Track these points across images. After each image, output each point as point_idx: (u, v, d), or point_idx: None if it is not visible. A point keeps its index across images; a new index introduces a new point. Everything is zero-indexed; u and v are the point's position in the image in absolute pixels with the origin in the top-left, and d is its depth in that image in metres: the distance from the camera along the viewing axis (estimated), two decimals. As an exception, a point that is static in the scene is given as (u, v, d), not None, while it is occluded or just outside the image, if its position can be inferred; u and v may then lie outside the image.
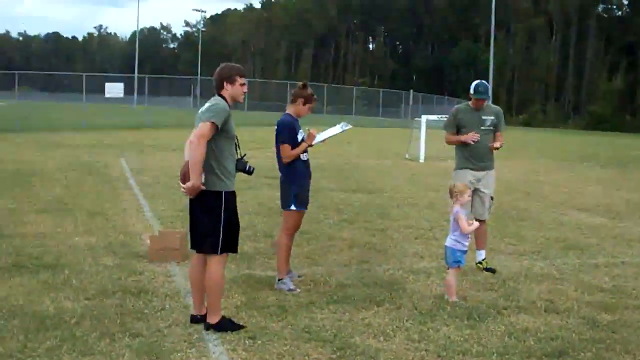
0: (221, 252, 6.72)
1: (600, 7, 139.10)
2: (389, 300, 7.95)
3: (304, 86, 8.53)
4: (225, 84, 6.78)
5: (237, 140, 7.00)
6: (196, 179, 6.43)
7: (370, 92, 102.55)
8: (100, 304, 7.46)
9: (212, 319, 6.72)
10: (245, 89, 6.94)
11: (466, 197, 8.42)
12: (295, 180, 8.36)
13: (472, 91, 9.72)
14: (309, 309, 7.51)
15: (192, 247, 6.98)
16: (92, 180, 18.15)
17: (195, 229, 6.85)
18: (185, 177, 6.57)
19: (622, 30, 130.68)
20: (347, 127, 8.80)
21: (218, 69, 6.88)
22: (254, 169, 7.19)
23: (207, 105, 6.68)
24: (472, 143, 9.59)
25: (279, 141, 8.32)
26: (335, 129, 8.81)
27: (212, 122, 6.44)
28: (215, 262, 6.73)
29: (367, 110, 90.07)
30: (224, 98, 6.77)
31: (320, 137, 8.59)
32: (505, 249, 11.29)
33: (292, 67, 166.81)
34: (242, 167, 7.02)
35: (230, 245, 6.82)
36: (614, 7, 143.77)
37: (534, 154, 38.09)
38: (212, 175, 6.61)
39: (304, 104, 8.46)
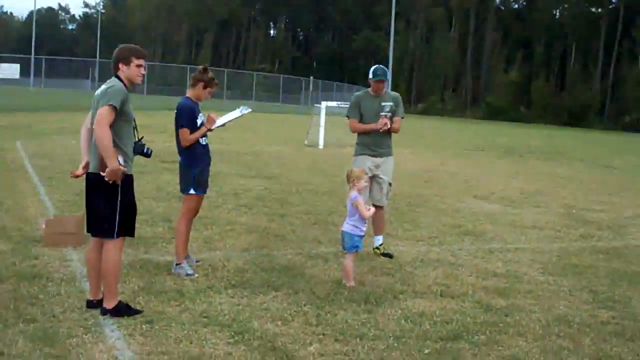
0: (117, 236, 6.59)
1: (498, 0, 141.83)
2: (287, 285, 7.95)
3: (204, 70, 8.44)
4: (120, 65, 6.64)
5: (135, 123, 6.87)
6: (113, 163, 6.28)
7: (271, 78, 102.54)
8: (-7, 289, 7.26)
9: (109, 304, 6.59)
10: (142, 70, 6.77)
11: (363, 182, 8.46)
12: (194, 164, 8.28)
13: (370, 75, 9.80)
14: (207, 293, 7.46)
15: (89, 231, 6.83)
16: (-15, 162, 17.68)
17: (91, 213, 6.70)
18: (87, 166, 6.53)
19: (519, 24, 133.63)
20: (247, 111, 8.76)
21: (116, 50, 6.74)
22: (152, 151, 7.09)
23: (103, 87, 6.53)
24: (383, 129, 9.65)
25: (178, 125, 8.23)
26: (235, 113, 8.76)
27: (110, 105, 6.31)
28: (111, 247, 6.60)
29: (268, 96, 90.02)
30: (120, 79, 6.62)
31: (220, 121, 8.52)
32: (403, 234, 11.43)
33: (192, 51, 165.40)
34: (140, 149, 6.91)
35: (127, 229, 6.70)
36: (512, 0, 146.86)
37: (433, 142, 38.66)
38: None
39: (204, 87, 8.37)
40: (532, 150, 37.44)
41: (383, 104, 9.79)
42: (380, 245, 9.85)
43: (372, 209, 8.45)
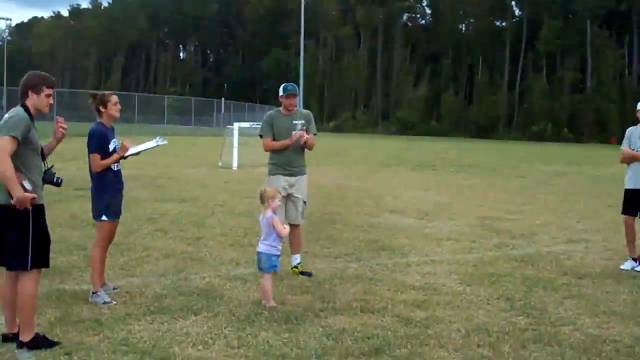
0: (31, 268, 6.44)
1: (405, 16, 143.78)
2: (207, 308, 7.90)
3: (93, 95, 8.37)
4: (30, 92, 6.51)
5: (43, 151, 6.75)
6: (18, 191, 6.15)
7: (182, 101, 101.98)
8: None
9: (25, 337, 6.44)
10: (50, 100, 6.64)
11: (277, 202, 8.49)
12: (105, 190, 8.18)
13: (281, 92, 9.86)
14: (126, 321, 7.36)
15: (1, 264, 6.64)
16: None
17: (2, 246, 6.48)
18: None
19: (426, 39, 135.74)
20: (163, 142, 8.69)
21: (25, 76, 6.60)
22: (62, 180, 6.95)
23: (5, 116, 6.38)
24: (303, 140, 9.67)
25: (89, 151, 8.13)
26: (150, 143, 8.68)
27: (11, 136, 6.17)
28: (26, 279, 6.45)
29: (180, 119, 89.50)
30: (26, 108, 6.49)
31: (133, 149, 8.43)
32: (320, 252, 11.45)
33: (102, 77, 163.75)
34: (50, 178, 6.76)
35: (41, 260, 6.55)
36: (418, 16, 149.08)
37: (346, 159, 38.89)
38: None
39: (105, 107, 8.26)
40: (443, 163, 37.98)
41: (295, 122, 9.82)
42: (298, 264, 9.85)
43: (288, 228, 8.47)
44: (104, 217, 8.19)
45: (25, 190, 6.26)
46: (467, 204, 19.04)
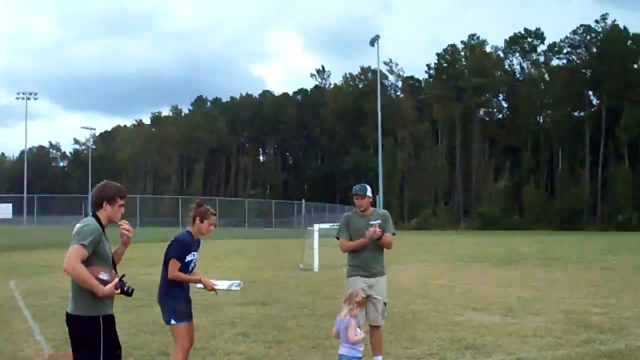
0: None
1: (482, 111, 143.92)
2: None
3: (198, 205, 8.49)
4: (105, 204, 6.55)
5: (113, 260, 6.75)
6: (99, 289, 6.16)
7: (263, 204, 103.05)
8: None
9: None
10: (122, 209, 6.69)
11: (359, 310, 8.47)
12: (171, 292, 8.21)
13: (353, 193, 9.93)
14: None
15: None
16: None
17: (75, 355, 6.45)
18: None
19: (505, 132, 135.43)
20: (237, 288, 8.67)
21: (99, 187, 6.66)
22: (133, 290, 6.95)
23: (78, 226, 6.40)
24: (374, 237, 9.62)
25: (169, 255, 8.20)
26: (227, 284, 8.67)
27: (81, 245, 6.17)
28: None
29: (261, 221, 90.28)
30: (98, 219, 6.51)
31: (210, 283, 8.49)
32: (402, 353, 11.28)
33: (184, 182, 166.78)
34: (121, 288, 6.70)
35: None
36: (495, 110, 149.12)
37: (428, 256, 38.58)
38: (86, 299, 6.27)
39: (201, 221, 8.38)
40: (526, 257, 37.38)
41: (371, 222, 9.80)
42: (381, 365, 9.72)
43: (361, 335, 8.38)
44: (172, 321, 8.20)
45: (104, 281, 6.25)
46: (552, 299, 18.62)
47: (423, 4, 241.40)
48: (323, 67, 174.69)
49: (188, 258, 8.21)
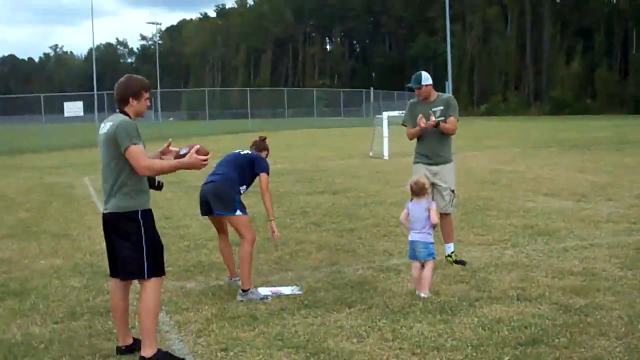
0: (148, 277, 6.18)
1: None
2: (361, 300, 7.87)
3: (263, 139, 9.14)
4: (131, 100, 6.31)
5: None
6: (183, 164, 6.21)
7: (331, 93, 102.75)
8: (69, 327, 7.31)
9: (147, 352, 6.16)
10: (148, 103, 6.49)
11: (427, 191, 8.47)
12: (235, 188, 8.39)
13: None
14: (281, 315, 7.42)
15: (112, 275, 6.48)
16: (56, 201, 17.92)
17: (114, 256, 6.35)
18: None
19: (576, 15, 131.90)
20: (298, 292, 8.55)
21: (122, 83, 6.40)
22: (163, 183, 6.95)
23: (112, 125, 6.15)
24: (425, 125, 9.51)
25: (262, 170, 8.63)
26: (286, 290, 8.59)
27: (135, 144, 6.01)
28: (147, 289, 6.21)
29: (329, 111, 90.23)
30: (126, 114, 6.31)
31: (271, 290, 8.52)
32: (474, 239, 11.26)
33: (251, 73, 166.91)
34: (152, 182, 6.69)
35: (157, 268, 6.27)
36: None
37: (498, 142, 38.24)
38: (124, 195, 6.14)
39: (267, 155, 9.04)
40: (599, 141, 36.80)
41: (434, 109, 9.65)
42: (452, 252, 9.72)
43: (436, 219, 8.39)
44: (238, 212, 8.28)
45: (180, 155, 6.32)
46: (625, 184, 18.30)
47: None
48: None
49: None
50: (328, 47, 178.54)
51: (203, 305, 7.85)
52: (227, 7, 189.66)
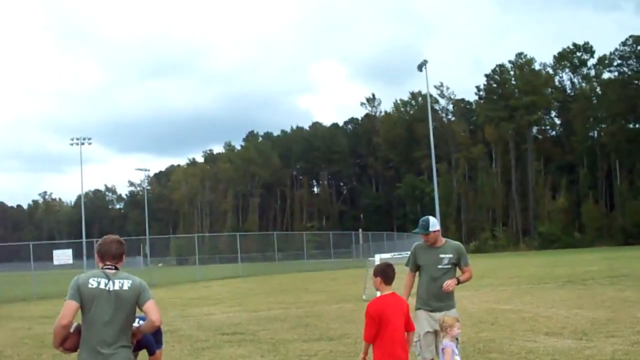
0: None
1: (535, 130, 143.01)
2: None
3: None
4: (124, 256, 6.83)
5: None
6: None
7: (320, 236, 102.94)
8: None
9: None
10: None
11: (456, 330, 8.39)
12: None
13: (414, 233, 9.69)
14: None
15: None
16: (46, 354, 17.50)
17: None
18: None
19: (559, 150, 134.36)
20: None
21: (119, 240, 6.98)
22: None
23: (130, 282, 6.52)
24: (451, 289, 9.36)
25: None
26: None
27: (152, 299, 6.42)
28: None
29: (319, 253, 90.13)
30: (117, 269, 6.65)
31: None
32: (479, 385, 10.97)
33: (240, 218, 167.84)
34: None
35: None
36: (548, 127, 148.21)
37: (492, 281, 38.00)
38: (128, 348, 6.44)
39: None
40: (592, 276, 36.61)
41: (442, 255, 9.49)
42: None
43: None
44: None
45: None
46: (626, 319, 18.07)
47: (465, 26, 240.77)
48: (373, 95, 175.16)
49: None
50: (315, 189, 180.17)
51: None
52: (215, 153, 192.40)
